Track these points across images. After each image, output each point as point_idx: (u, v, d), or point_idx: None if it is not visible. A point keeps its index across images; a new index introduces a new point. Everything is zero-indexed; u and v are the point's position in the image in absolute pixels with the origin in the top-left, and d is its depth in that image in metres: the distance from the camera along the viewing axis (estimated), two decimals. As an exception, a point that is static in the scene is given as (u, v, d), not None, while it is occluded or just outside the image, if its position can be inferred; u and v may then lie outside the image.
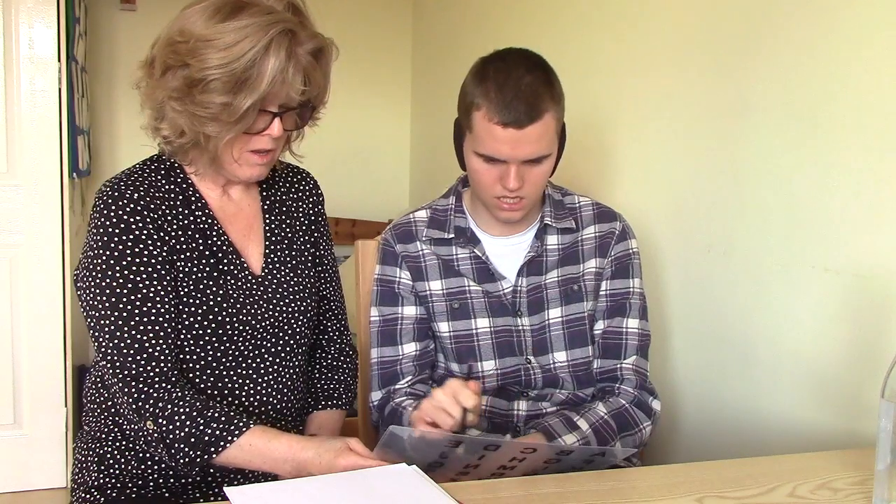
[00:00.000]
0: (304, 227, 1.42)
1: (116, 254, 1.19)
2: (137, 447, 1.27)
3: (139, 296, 1.19)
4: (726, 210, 1.66)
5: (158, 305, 1.20)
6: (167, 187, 1.27)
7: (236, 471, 1.28)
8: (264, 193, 1.39)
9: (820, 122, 1.44)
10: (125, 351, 1.18)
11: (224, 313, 1.25)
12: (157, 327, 1.19)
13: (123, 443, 1.27)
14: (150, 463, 1.26)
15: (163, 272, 1.21)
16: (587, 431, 1.35)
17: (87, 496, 1.27)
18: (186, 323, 1.23)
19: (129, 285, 1.19)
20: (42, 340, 2.79)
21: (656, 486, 1.10)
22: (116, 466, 1.27)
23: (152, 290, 1.20)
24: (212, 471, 1.27)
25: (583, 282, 1.46)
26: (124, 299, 1.18)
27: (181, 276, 1.24)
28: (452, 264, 1.46)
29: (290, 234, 1.39)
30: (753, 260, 1.60)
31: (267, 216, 1.37)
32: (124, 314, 1.18)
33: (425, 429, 1.18)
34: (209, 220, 1.29)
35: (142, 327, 1.18)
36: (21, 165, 2.74)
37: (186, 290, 1.24)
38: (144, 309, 1.19)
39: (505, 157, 1.31)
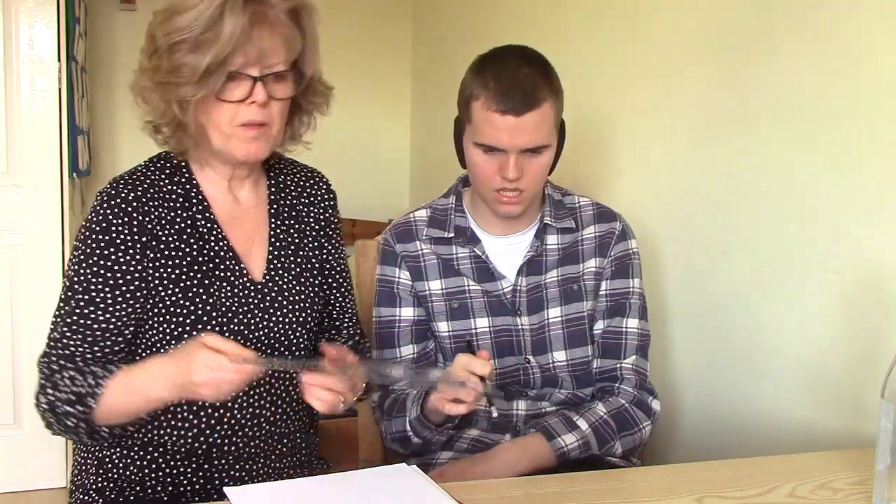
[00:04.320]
0: (313, 233, 1.37)
1: (88, 251, 1.18)
2: (137, 457, 1.25)
3: (87, 297, 1.18)
4: (726, 210, 1.66)
5: (99, 313, 1.18)
6: (169, 187, 1.25)
7: (237, 472, 1.27)
8: (272, 197, 1.35)
9: (820, 123, 1.44)
10: (51, 343, 1.19)
11: (213, 322, 1.22)
12: (88, 332, 1.18)
13: (124, 450, 1.26)
14: (147, 471, 1.25)
15: (121, 282, 1.19)
16: (587, 431, 1.35)
17: (86, 497, 1.26)
18: (175, 333, 1.20)
19: (84, 284, 1.18)
20: (42, 340, 2.76)
21: (656, 486, 1.10)
22: (115, 471, 1.25)
23: (100, 295, 1.18)
24: (214, 473, 1.25)
25: (582, 281, 1.46)
26: (77, 297, 1.18)
27: (167, 283, 1.21)
28: (452, 264, 1.46)
29: (297, 240, 1.35)
30: (753, 260, 1.60)
31: (273, 220, 1.33)
32: (66, 309, 1.19)
33: (449, 406, 1.18)
34: (209, 224, 1.26)
35: (75, 327, 1.18)
36: (21, 165, 2.74)
37: (173, 299, 1.21)
38: (86, 311, 1.18)
39: (503, 145, 1.32)
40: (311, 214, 1.38)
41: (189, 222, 1.25)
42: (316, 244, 1.37)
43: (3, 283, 2.74)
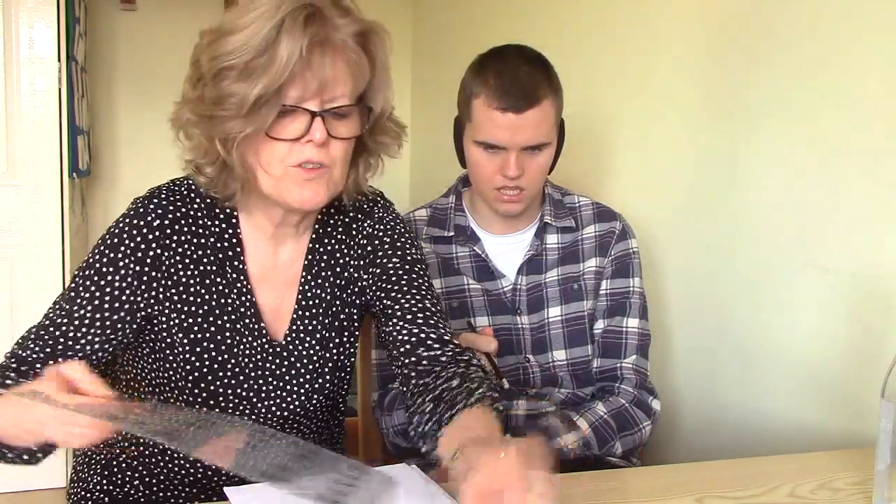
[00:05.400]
0: (353, 278, 1.20)
1: (91, 260, 1.09)
2: (146, 471, 1.24)
3: (66, 308, 1.07)
4: (726, 210, 1.66)
5: (72, 329, 1.06)
6: (204, 221, 1.12)
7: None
8: (310, 246, 1.18)
9: (819, 123, 1.44)
10: (20, 337, 1.07)
11: (217, 383, 1.12)
12: (51, 342, 1.05)
13: (130, 459, 1.24)
14: (155, 479, 1.23)
15: (106, 307, 1.07)
16: (587, 431, 1.35)
17: (91, 496, 1.25)
18: (179, 385, 1.12)
19: (71, 294, 1.08)
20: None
21: (656, 486, 1.10)
22: (121, 475, 1.24)
23: (80, 311, 1.06)
24: (222, 475, 1.24)
25: (583, 281, 1.46)
26: (59, 304, 1.09)
27: (175, 329, 1.10)
28: (452, 263, 1.46)
29: (328, 297, 1.19)
30: (753, 260, 1.60)
31: (305, 274, 1.17)
32: (47, 311, 1.09)
33: None
34: (235, 274, 1.13)
35: (42, 332, 1.06)
36: (21, 165, 2.74)
37: (178, 349, 1.10)
38: (58, 321, 1.06)
39: (504, 142, 1.32)
40: (352, 251, 1.21)
41: (215, 267, 1.12)
42: (354, 289, 1.21)
43: (3, 283, 2.75)
